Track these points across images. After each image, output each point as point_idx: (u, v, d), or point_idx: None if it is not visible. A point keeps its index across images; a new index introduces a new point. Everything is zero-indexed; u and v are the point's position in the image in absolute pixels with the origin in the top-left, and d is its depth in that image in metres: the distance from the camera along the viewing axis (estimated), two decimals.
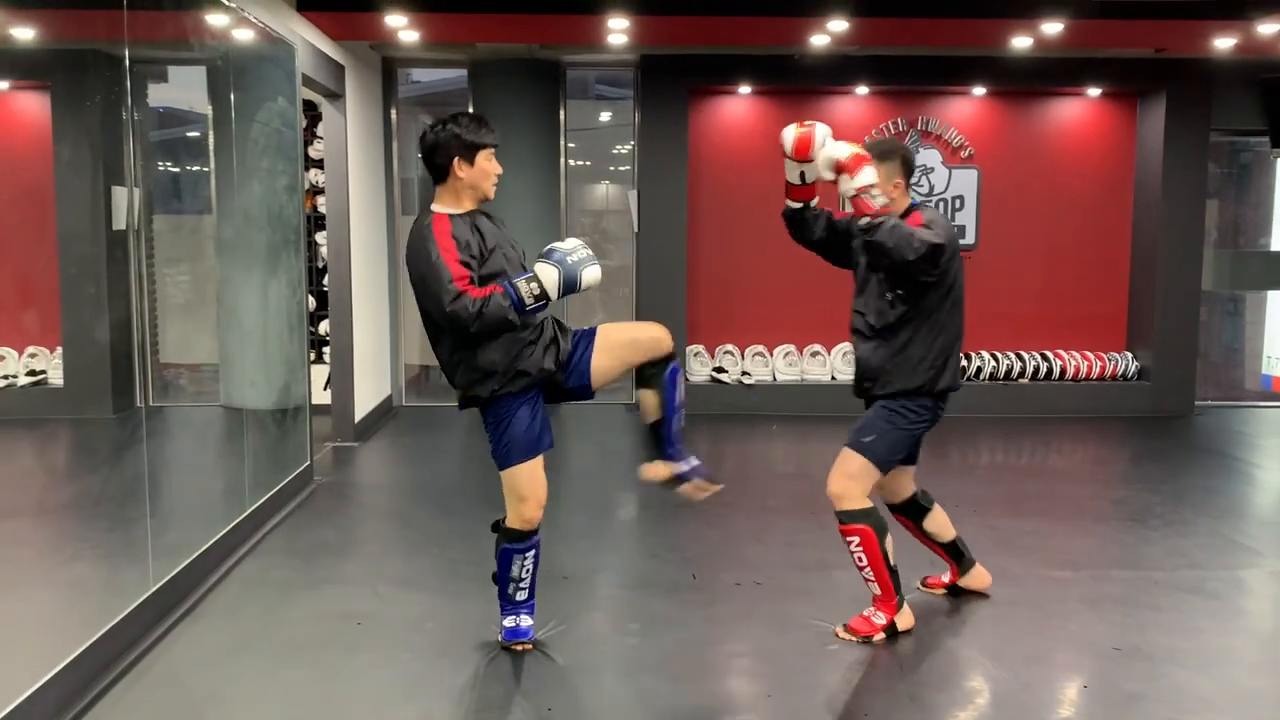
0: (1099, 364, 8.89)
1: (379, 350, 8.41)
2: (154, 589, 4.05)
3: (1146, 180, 8.86)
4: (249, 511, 5.17)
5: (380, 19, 6.39)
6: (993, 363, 8.81)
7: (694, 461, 3.84)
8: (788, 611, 4.26)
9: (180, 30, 4.98)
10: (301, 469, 6.09)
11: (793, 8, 6.41)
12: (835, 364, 8.76)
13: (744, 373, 8.64)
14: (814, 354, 8.75)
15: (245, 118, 5.76)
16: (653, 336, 3.73)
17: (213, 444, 6.44)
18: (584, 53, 8.31)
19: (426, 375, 9.79)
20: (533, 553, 3.76)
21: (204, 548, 4.58)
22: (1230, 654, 3.87)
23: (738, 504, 5.92)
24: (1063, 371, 8.84)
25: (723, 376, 8.59)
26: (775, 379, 8.67)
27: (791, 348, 8.76)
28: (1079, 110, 8.95)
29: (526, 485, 3.66)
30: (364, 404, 7.72)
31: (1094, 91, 8.81)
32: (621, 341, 3.75)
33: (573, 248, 3.53)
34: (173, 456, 5.85)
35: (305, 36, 6.18)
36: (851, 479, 3.93)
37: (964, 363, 4.03)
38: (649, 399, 3.77)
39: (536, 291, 3.45)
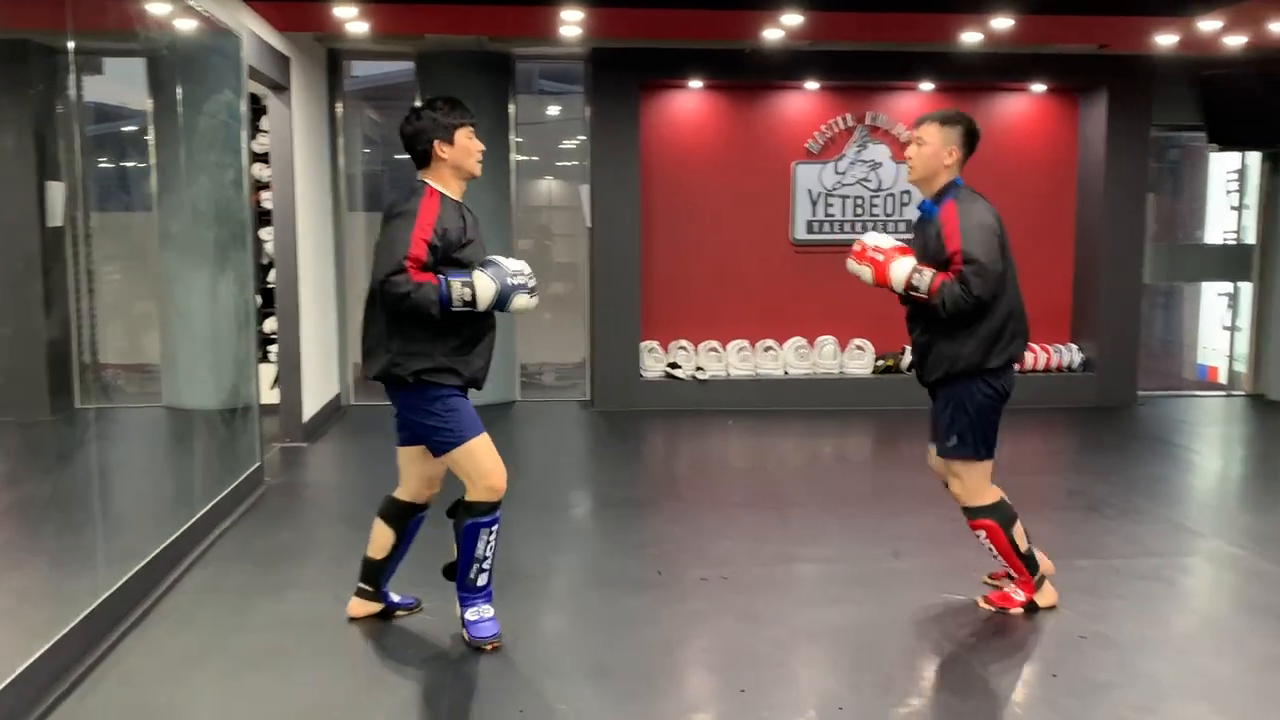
0: (1045, 356, 9.02)
1: (326, 348, 8.25)
2: (104, 597, 3.91)
3: (1089, 175, 9.00)
4: (200, 515, 5.02)
5: (329, 9, 6.24)
6: None
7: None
8: (756, 606, 4.24)
9: (123, 20, 4.80)
10: (251, 470, 5.93)
11: (747, 1, 6.39)
12: (788, 359, 8.78)
13: (698, 368, 8.62)
14: (767, 349, 8.75)
15: (189, 111, 5.59)
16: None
17: (158, 446, 6.24)
18: (535, 45, 8.21)
19: None
20: (496, 527, 3.76)
21: (154, 553, 4.43)
22: (1193, 640, 3.93)
23: (701, 500, 5.90)
24: None
25: (677, 372, 8.55)
26: (729, 374, 8.66)
27: (745, 343, 8.76)
28: (1023, 106, 9.07)
29: (487, 456, 3.70)
30: (312, 403, 7.56)
31: (1038, 88, 8.92)
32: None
33: (515, 271, 3.63)
34: (117, 459, 5.65)
35: (250, 27, 6.02)
36: (961, 480, 4.08)
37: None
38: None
39: (468, 297, 3.54)
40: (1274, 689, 3.50)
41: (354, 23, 6.61)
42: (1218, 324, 10.11)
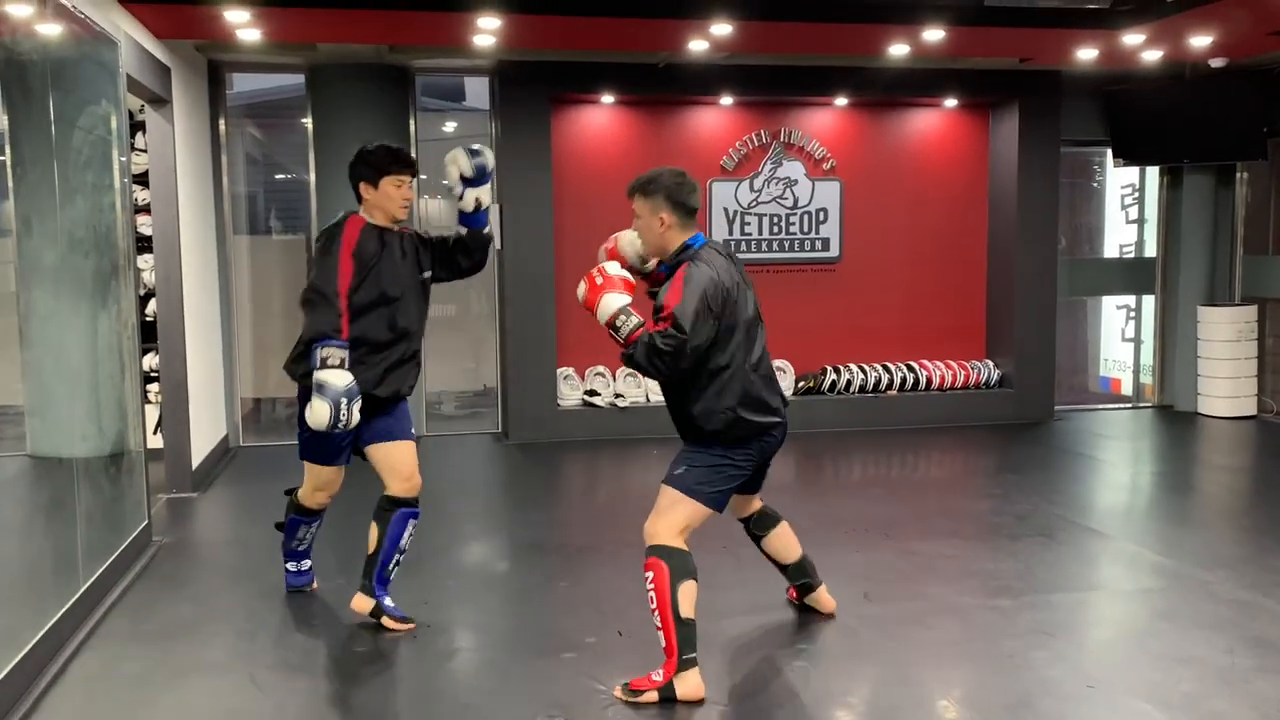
0: (962, 373, 8.93)
1: (213, 385, 7.55)
2: None
3: (1000, 190, 8.96)
4: (85, 587, 4.36)
5: (217, 14, 5.63)
6: (861, 375, 8.71)
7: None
8: (736, 665, 3.86)
9: None
10: (140, 529, 5.27)
11: (672, 10, 6.04)
12: None
13: (617, 395, 8.21)
14: None
15: (54, 126, 4.91)
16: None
17: (30, 503, 5.50)
18: (437, 57, 7.71)
19: (259, 410, 8.94)
20: (316, 523, 4.54)
21: (36, 639, 3.78)
22: (1201, 684, 3.68)
23: (641, 543, 5.47)
24: (928, 381, 8.83)
25: (595, 400, 8.14)
26: (649, 400, 8.28)
27: None
28: (935, 121, 8.98)
29: (326, 476, 4.31)
30: (200, 447, 6.87)
31: (950, 102, 8.84)
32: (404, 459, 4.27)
33: (334, 388, 3.81)
34: None
35: (128, 32, 5.38)
36: (660, 514, 3.77)
37: (766, 409, 3.77)
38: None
39: (320, 378, 3.83)
40: None
41: (245, 29, 6.00)
42: (1117, 337, 10.23)
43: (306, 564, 4.68)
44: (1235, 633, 4.10)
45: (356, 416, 3.85)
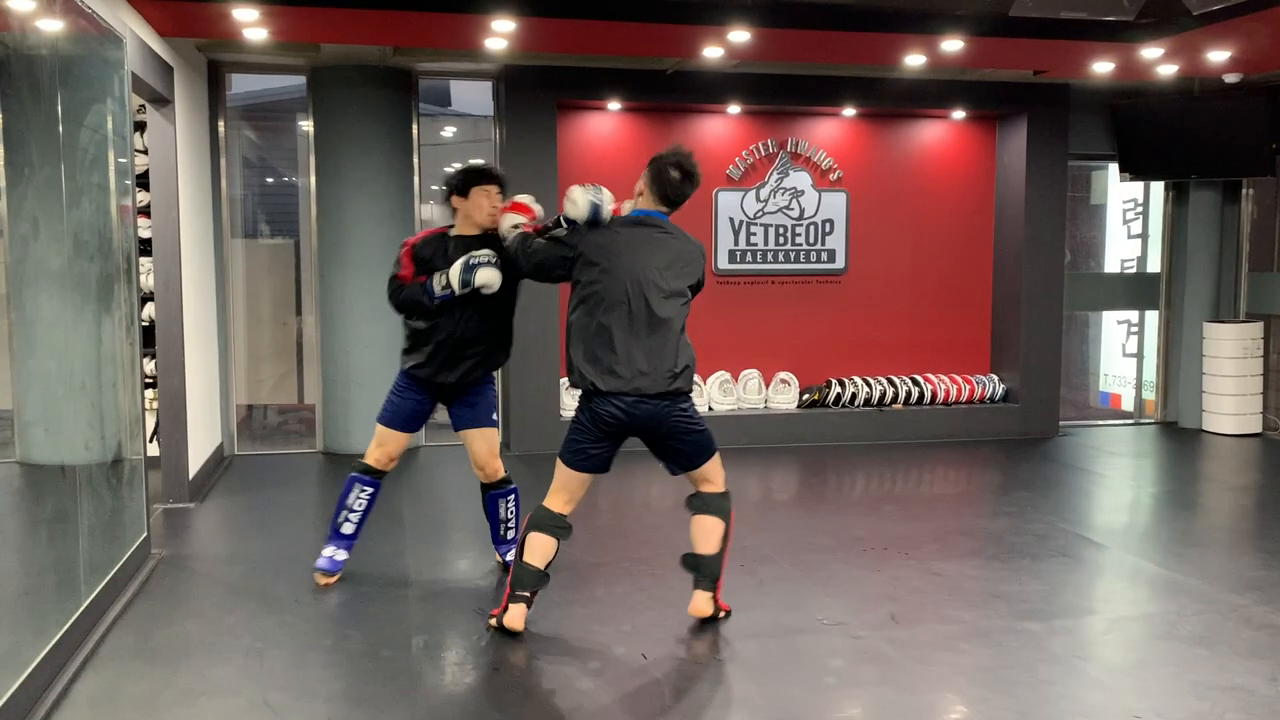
0: (967, 387, 8.85)
1: (209, 392, 7.38)
2: None
3: (1007, 203, 8.90)
4: (86, 603, 4.19)
5: (225, 12, 5.47)
6: (865, 388, 8.62)
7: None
8: (763, 689, 3.73)
9: None
10: (139, 541, 5.10)
11: (692, 17, 5.93)
12: (712, 393, 8.35)
13: None
14: None
15: (64, 124, 4.75)
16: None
17: (20, 512, 5.31)
18: (441, 61, 7.57)
19: (252, 417, 8.78)
20: (371, 491, 4.81)
21: (38, 659, 3.62)
22: (1247, 714, 3.59)
23: (659, 560, 5.35)
24: (933, 395, 8.74)
25: None
26: None
27: None
28: (942, 133, 8.91)
29: (377, 438, 4.78)
30: (197, 456, 6.70)
31: (958, 115, 8.77)
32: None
33: (477, 256, 4.48)
34: None
35: (132, 29, 5.23)
36: (556, 474, 4.28)
37: (620, 375, 4.07)
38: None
39: (444, 283, 4.50)
40: None
41: (252, 28, 5.85)
42: (1118, 352, 10.18)
43: (343, 555, 4.84)
44: (1277, 660, 4.01)
45: (481, 253, 4.47)
